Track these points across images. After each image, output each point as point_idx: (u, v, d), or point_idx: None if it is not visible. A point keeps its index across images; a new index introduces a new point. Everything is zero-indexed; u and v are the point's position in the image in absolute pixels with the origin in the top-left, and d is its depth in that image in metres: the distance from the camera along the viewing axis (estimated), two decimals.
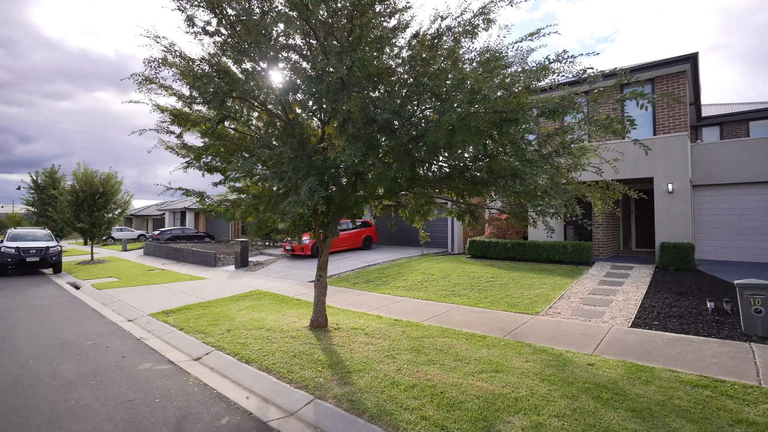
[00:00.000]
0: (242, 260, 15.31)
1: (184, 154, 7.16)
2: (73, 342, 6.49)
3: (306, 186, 3.90)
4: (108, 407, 4.17)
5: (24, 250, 15.97)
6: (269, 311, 7.88)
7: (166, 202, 46.53)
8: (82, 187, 19.79)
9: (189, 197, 6.63)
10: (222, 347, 5.77)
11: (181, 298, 9.78)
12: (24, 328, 7.46)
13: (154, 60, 5.39)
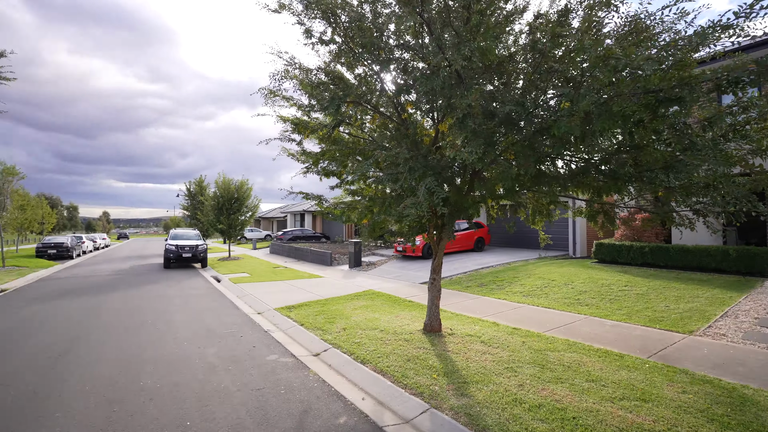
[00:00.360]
0: (356, 260, 15.96)
1: (304, 160, 7.61)
2: (214, 329, 7.35)
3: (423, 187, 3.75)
4: (242, 393, 4.54)
5: (181, 248, 18.91)
6: (382, 312, 7.97)
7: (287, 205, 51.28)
8: (221, 194, 22.78)
9: (308, 200, 7.02)
10: (339, 345, 5.95)
11: (301, 294, 10.50)
12: (181, 314, 8.70)
13: (278, 72, 5.78)
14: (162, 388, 4.65)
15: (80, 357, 5.82)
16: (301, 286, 11.94)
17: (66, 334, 7.07)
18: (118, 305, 9.70)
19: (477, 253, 16.97)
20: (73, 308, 9.42)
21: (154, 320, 8.09)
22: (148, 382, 4.83)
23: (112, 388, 4.66)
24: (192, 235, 21.26)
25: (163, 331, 7.27)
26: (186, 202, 34.78)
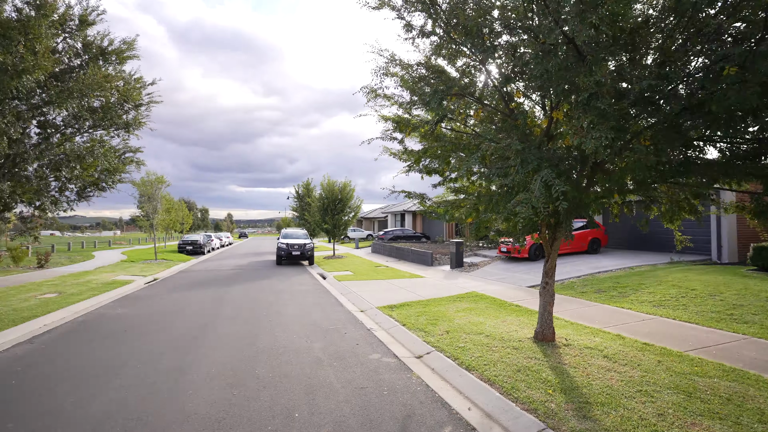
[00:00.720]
0: (457, 261, 15.55)
1: (405, 159, 7.53)
2: (320, 324, 7.65)
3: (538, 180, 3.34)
4: (346, 390, 4.57)
5: (291, 246, 20.41)
6: (487, 315, 7.53)
7: (388, 205, 52.44)
8: (326, 195, 24.08)
9: (410, 199, 6.91)
10: (442, 349, 5.71)
11: (402, 294, 10.49)
12: (290, 308, 9.29)
13: (379, 69, 5.75)
14: (274, 378, 4.91)
15: (209, 342, 6.48)
16: (402, 285, 11.96)
17: (198, 320, 7.98)
18: (238, 297, 10.73)
19: (591, 255, 15.32)
20: (204, 297, 10.66)
21: (268, 312, 8.74)
22: (263, 371, 5.14)
23: (232, 374, 5.06)
24: (301, 235, 22.86)
25: (275, 323, 7.79)
26: (295, 203, 37.59)
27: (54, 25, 7.28)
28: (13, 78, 6.69)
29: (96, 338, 6.80)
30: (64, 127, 9.81)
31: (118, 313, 8.86)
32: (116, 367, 5.32)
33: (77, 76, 8.36)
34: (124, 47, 9.56)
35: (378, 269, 16.51)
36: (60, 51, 8.69)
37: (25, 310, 8.66)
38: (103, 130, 10.38)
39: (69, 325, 7.77)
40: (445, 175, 7.18)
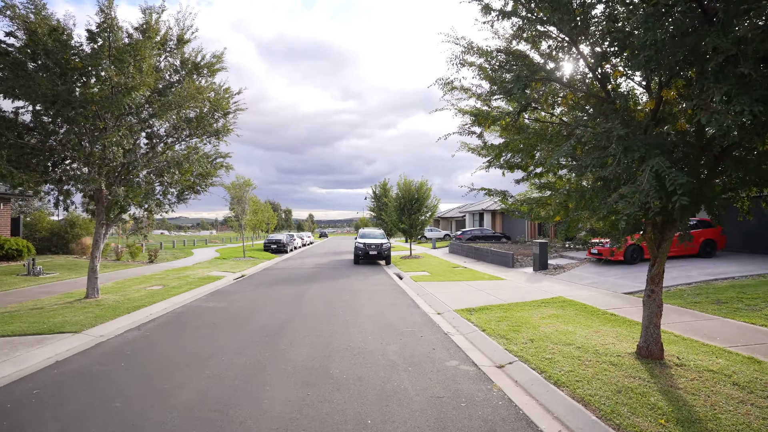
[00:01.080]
0: (541, 262, 14.50)
1: (485, 154, 7.09)
2: (396, 326, 7.49)
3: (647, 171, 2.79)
4: (421, 398, 4.32)
5: (368, 246, 20.67)
6: (577, 324, 6.78)
7: (466, 205, 51.17)
8: (402, 195, 24.02)
9: (490, 197, 6.46)
10: (526, 359, 5.21)
11: (481, 296, 9.96)
12: (366, 308, 9.27)
13: (455, 57, 5.41)
14: (347, 380, 4.82)
15: (287, 339, 6.64)
16: (481, 287, 11.40)
17: (279, 317, 8.28)
18: (316, 295, 11.01)
19: (704, 259, 13.32)
20: (285, 295, 11.11)
21: (344, 311, 8.80)
22: (336, 372, 5.09)
23: (307, 372, 5.07)
24: (377, 235, 23.08)
25: (351, 322, 7.79)
26: (372, 203, 38.20)
27: (156, 46, 8.04)
28: (125, 95, 7.50)
29: (190, 329, 7.34)
30: (167, 137, 10.84)
31: (209, 306, 9.55)
32: (205, 359, 5.63)
33: (176, 90, 9.15)
34: (214, 60, 10.29)
35: (455, 270, 16.01)
36: (162, 69, 9.60)
37: (137, 300, 9.71)
38: (197, 138, 11.29)
39: (169, 316, 8.52)
40: (528, 170, 6.62)
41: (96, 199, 9.69)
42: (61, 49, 7.28)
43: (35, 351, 6.06)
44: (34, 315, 8.11)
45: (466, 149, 6.98)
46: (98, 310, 8.53)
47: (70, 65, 7.21)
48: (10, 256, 16.37)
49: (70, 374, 5.16)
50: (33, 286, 12.05)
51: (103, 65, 7.19)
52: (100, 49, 7.38)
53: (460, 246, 24.37)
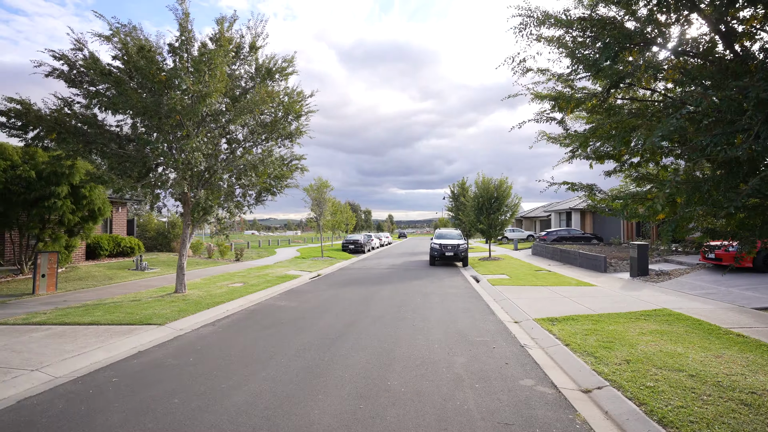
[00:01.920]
0: (640, 267, 12.70)
1: (567, 144, 6.23)
2: (466, 334, 6.87)
3: None
4: (486, 424, 3.73)
5: (444, 247, 20.01)
6: (689, 345, 5.59)
7: (551, 203, 47.79)
8: (481, 193, 22.91)
9: (574, 192, 5.59)
10: (620, 385, 4.32)
11: (566, 305, 8.88)
12: (437, 312, 8.75)
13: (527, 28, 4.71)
14: (405, 394, 4.39)
15: (349, 343, 6.40)
16: (566, 294, 10.23)
17: (345, 319, 8.12)
18: (386, 297, 10.73)
19: None
20: (355, 295, 11.00)
21: (413, 316, 8.37)
22: (395, 383, 4.68)
23: (364, 382, 4.73)
24: (454, 235, 22.29)
25: (418, 328, 7.33)
26: (450, 203, 37.27)
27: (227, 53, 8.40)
28: (200, 102, 7.91)
29: (259, 327, 7.46)
30: (244, 141, 11.36)
31: (281, 305, 9.74)
32: (265, 359, 5.59)
33: (249, 95, 9.50)
34: (285, 65, 10.53)
35: (538, 274, 14.73)
36: (236, 76, 10.04)
37: (218, 297, 10.26)
38: (273, 141, 11.66)
39: (243, 313, 8.81)
40: (622, 159, 5.63)
41: (183, 202, 10.44)
42: (148, 65, 7.90)
43: (125, 340, 6.55)
44: (132, 306, 8.90)
45: (545, 139, 6.16)
46: (183, 305, 9.11)
47: (156, 79, 7.79)
48: (125, 252, 18.59)
49: (146, 365, 5.41)
50: (137, 279, 13.45)
51: (182, 76, 7.65)
52: (180, 62, 7.87)
53: (544, 248, 22.59)
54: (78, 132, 8.02)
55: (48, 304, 9.23)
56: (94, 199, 12.75)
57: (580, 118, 6.53)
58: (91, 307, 8.78)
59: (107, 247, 17.38)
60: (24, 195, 11.47)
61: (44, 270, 10.61)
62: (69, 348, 6.10)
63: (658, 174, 5.15)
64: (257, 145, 11.60)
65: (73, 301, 9.63)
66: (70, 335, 6.80)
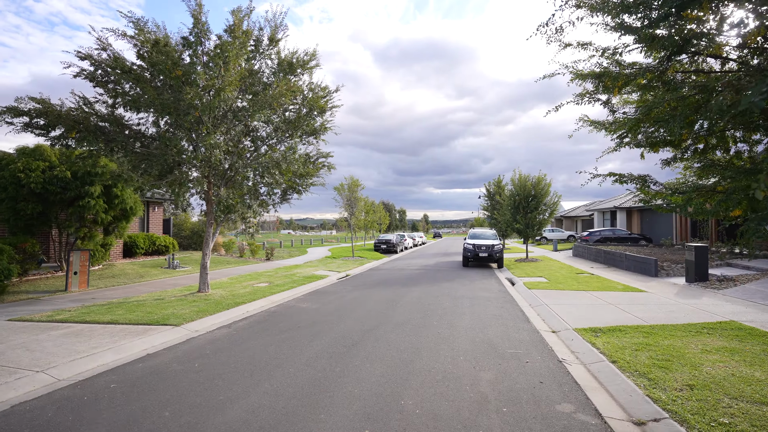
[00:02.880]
0: (697, 272, 11.40)
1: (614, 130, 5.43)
2: (496, 345, 6.18)
3: None
4: None
5: (477, 247, 19.12)
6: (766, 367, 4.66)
7: (593, 202, 45.33)
8: (517, 191, 21.80)
9: (623, 184, 4.80)
10: (683, 417, 3.54)
11: (612, 312, 7.95)
12: (466, 318, 8.07)
13: None
14: (419, 417, 3.80)
15: (365, 352, 5.87)
16: (612, 300, 9.24)
17: (366, 323, 7.61)
18: (413, 300, 10.13)
19: None
20: (380, 298, 10.47)
21: (439, 322, 7.74)
22: (409, 403, 4.11)
23: (374, 400, 4.19)
24: (489, 235, 21.30)
25: (444, 336, 6.71)
26: (485, 202, 36.06)
27: (243, 45, 8.09)
28: (216, 97, 7.65)
29: (274, 331, 7.09)
30: (268, 138, 11.11)
31: (302, 307, 9.38)
32: (272, 368, 5.17)
33: (269, 90, 9.20)
34: (306, 58, 10.16)
35: (580, 277, 13.64)
36: (256, 71, 9.76)
37: (240, 297, 10.06)
38: (297, 138, 11.35)
39: (261, 315, 8.50)
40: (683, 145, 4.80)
41: (206, 200, 10.30)
42: (165, 61, 7.73)
43: (136, 341, 6.36)
44: (154, 305, 8.81)
45: (587, 125, 5.38)
46: (203, 305, 8.93)
47: (173, 75, 7.61)
48: (160, 250, 19.03)
49: (150, 370, 5.13)
50: (166, 278, 13.57)
51: (197, 71, 7.40)
52: (195, 56, 7.67)
53: (586, 249, 21.17)
54: (98, 130, 7.99)
55: (76, 302, 9.32)
56: (125, 199, 12.96)
57: (629, 103, 5.70)
58: (114, 306, 8.77)
59: (143, 245, 17.81)
60: (61, 195, 11.78)
61: (76, 267, 10.81)
62: (81, 348, 5.96)
63: (730, 161, 4.28)
64: (281, 143, 11.32)
65: (100, 299, 9.70)
66: (86, 334, 6.70)
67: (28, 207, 11.35)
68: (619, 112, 4.90)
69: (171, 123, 8.64)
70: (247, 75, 8.99)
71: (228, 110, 8.77)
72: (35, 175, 11.27)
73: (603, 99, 4.86)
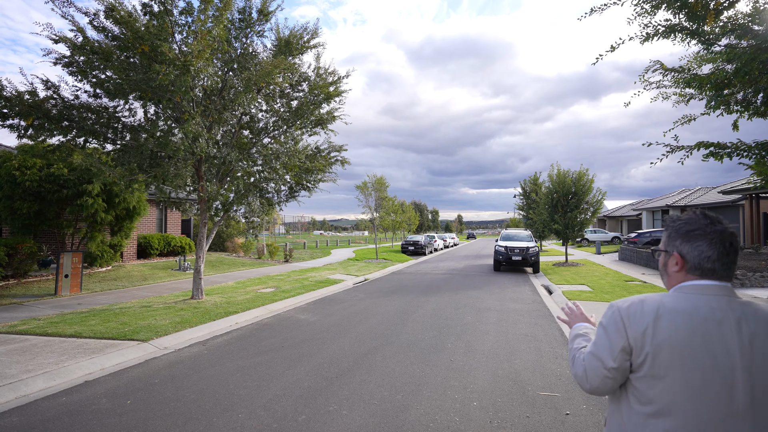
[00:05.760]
0: None
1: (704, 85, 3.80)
2: (525, 383, 4.66)
3: None
4: None
5: (510, 250, 17.36)
6: None
7: (641, 201, 41.91)
8: (555, 189, 19.75)
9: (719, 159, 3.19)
10: None
11: None
12: (489, 339, 6.56)
13: None
14: None
15: (349, 388, 4.52)
16: None
17: (362, 345, 6.26)
18: (430, 312, 8.68)
19: None
20: (393, 308, 9.09)
21: (454, 344, 6.28)
22: None
23: None
24: (523, 237, 19.41)
25: (457, 366, 5.25)
26: (521, 201, 33.85)
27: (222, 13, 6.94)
28: (185, 74, 6.55)
29: (251, 352, 5.87)
30: (267, 129, 9.99)
31: (299, 319, 8.15)
32: (220, 411, 3.91)
33: (251, 67, 8.04)
34: (305, 35, 8.95)
35: (630, 285, 11.69)
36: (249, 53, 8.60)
37: (236, 305, 8.98)
38: (300, 128, 10.17)
39: (249, 329, 7.34)
40: None
41: (199, 198, 9.31)
42: (126, 33, 6.69)
43: (84, 362, 5.33)
44: (134, 314, 7.87)
45: (661, 73, 3.78)
46: (189, 315, 7.90)
47: (138, 50, 6.58)
48: (176, 251, 18.50)
49: (65, 409, 4.00)
50: (170, 281, 12.79)
51: (161, 43, 6.32)
52: (160, 27, 6.60)
53: (634, 252, 18.85)
54: (63, 117, 7.10)
55: (57, 308, 8.54)
56: (127, 197, 12.27)
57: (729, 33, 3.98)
58: (93, 314, 7.88)
59: (157, 246, 17.29)
60: (58, 193, 11.20)
61: (68, 270, 10.12)
62: (12, 372, 4.95)
63: None
64: (282, 133, 10.18)
65: (85, 305, 8.89)
66: (34, 351, 5.73)
67: (24, 206, 10.81)
68: (718, 46, 3.27)
69: (149, 109, 7.65)
70: (225, 47, 7.82)
71: (211, 93, 7.70)
72: (31, 173, 10.71)
73: (689, 28, 3.24)
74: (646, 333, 1.21)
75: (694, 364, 1.15)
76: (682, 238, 1.32)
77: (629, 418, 1.25)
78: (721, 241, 1.26)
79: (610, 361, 1.26)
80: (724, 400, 1.13)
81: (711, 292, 1.23)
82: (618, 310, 1.29)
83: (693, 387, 1.15)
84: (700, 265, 1.26)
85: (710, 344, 1.16)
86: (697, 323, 1.18)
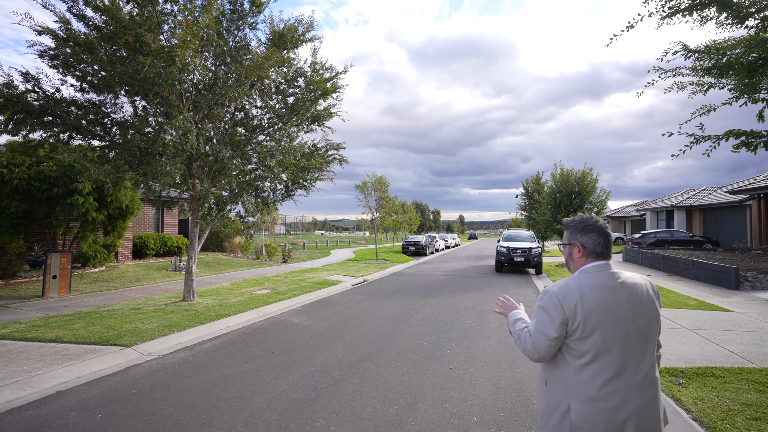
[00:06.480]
0: None
1: (719, 73, 3.47)
2: (530, 394, 4.31)
3: None
4: None
5: (512, 250, 16.99)
6: None
7: (645, 201, 41.45)
8: (558, 188, 19.44)
9: (752, 149, 2.86)
10: None
11: (692, 343, 5.84)
12: (491, 345, 6.21)
13: None
14: None
15: (339, 400, 4.19)
16: (686, 323, 7.07)
17: (357, 351, 5.93)
18: (428, 316, 8.33)
19: None
20: (391, 311, 8.74)
21: (454, 350, 5.94)
22: None
23: None
24: (526, 237, 19.04)
25: (456, 375, 4.91)
26: (523, 201, 33.48)
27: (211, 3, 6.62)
28: (171, 65, 6.23)
29: (239, 359, 5.55)
30: (261, 126, 9.67)
31: (293, 322, 7.82)
32: (196, 427, 3.59)
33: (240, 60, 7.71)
34: (300, 27, 8.62)
35: None
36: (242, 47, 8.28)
37: (228, 307, 8.66)
38: (294, 125, 9.84)
39: (239, 333, 7.02)
40: None
41: (189, 197, 8.99)
42: (109, 22, 6.37)
43: (60, 370, 5.01)
44: (121, 317, 7.56)
45: (683, 56, 3.43)
46: (178, 318, 7.59)
47: (122, 41, 6.26)
48: (172, 251, 18.20)
49: (28, 424, 3.68)
50: (164, 282, 12.47)
51: (145, 33, 5.99)
52: (141, 15, 6.29)
53: (639, 253, 18.46)
54: (45, 113, 6.77)
55: (42, 310, 8.23)
56: (119, 197, 11.96)
57: None
58: (78, 317, 7.57)
59: (153, 246, 16.98)
60: (47, 192, 10.90)
61: (55, 271, 9.81)
62: None
63: None
64: (277, 130, 9.85)
65: (72, 307, 8.58)
66: (9, 358, 5.41)
67: (12, 205, 10.51)
68: (753, 19, 2.93)
69: (138, 105, 7.34)
70: (216, 39, 7.50)
71: (202, 87, 7.37)
72: (19, 171, 10.42)
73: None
74: (576, 306, 1.62)
75: (608, 321, 1.61)
76: (581, 232, 1.79)
77: (567, 371, 1.66)
78: (604, 232, 1.76)
79: (552, 332, 1.65)
80: (624, 336, 1.61)
81: (604, 269, 1.71)
82: (554, 294, 1.69)
83: (610, 335, 1.60)
84: (594, 250, 1.75)
85: (613, 305, 1.63)
86: (603, 293, 1.64)
